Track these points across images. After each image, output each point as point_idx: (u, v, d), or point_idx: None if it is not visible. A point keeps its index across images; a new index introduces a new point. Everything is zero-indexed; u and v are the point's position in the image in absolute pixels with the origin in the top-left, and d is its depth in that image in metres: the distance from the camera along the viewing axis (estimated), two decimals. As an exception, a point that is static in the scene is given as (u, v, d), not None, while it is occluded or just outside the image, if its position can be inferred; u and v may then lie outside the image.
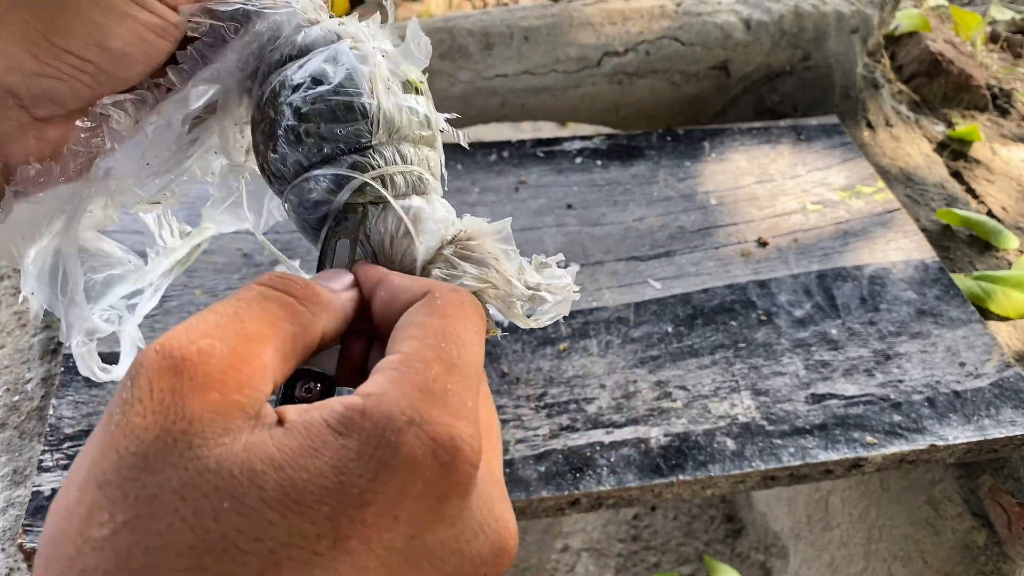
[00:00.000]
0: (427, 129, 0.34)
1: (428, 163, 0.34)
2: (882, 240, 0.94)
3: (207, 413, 0.21)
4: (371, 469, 0.21)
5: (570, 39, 1.10)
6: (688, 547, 1.27)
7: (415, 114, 0.33)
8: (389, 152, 0.32)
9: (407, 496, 0.21)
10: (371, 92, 0.31)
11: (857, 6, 1.19)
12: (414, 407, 0.22)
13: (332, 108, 0.31)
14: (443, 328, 0.25)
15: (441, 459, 0.21)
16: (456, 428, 0.22)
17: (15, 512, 0.67)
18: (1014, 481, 0.81)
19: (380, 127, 0.32)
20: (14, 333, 0.80)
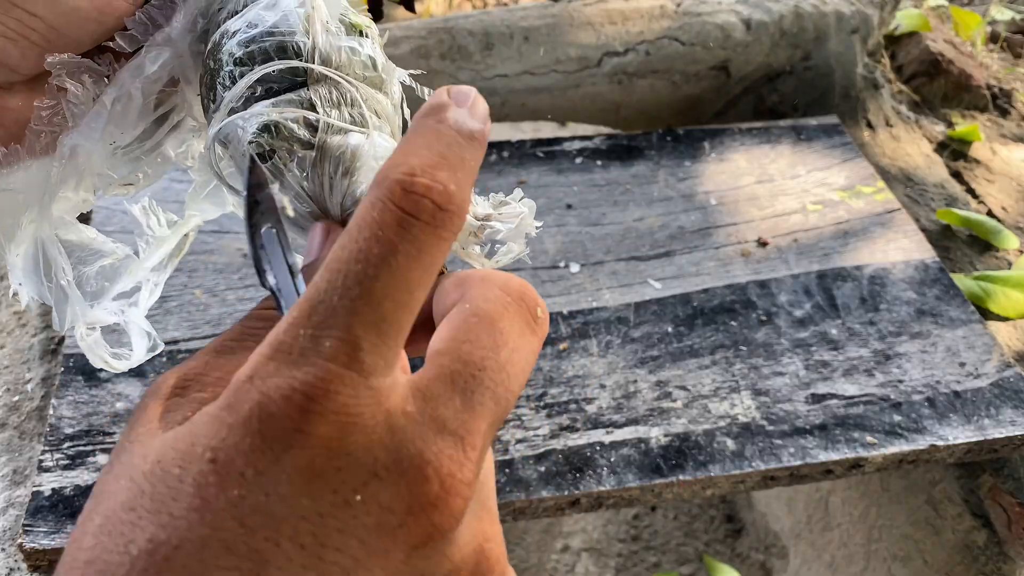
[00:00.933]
0: (371, 70, 0.32)
1: (373, 103, 0.31)
2: (882, 240, 0.94)
3: (160, 413, 0.23)
4: (211, 428, 0.20)
5: (570, 39, 1.10)
6: (688, 547, 1.27)
7: (356, 54, 0.31)
8: (325, 90, 0.30)
9: (248, 451, 0.20)
10: (306, 32, 0.30)
11: (857, 6, 1.19)
12: (253, 366, 0.21)
13: (265, 49, 0.30)
14: (486, 340, 0.23)
15: (269, 410, 0.20)
16: (289, 374, 0.20)
17: (15, 512, 0.67)
18: (1014, 481, 0.81)
19: (315, 64, 0.30)
20: (14, 333, 0.80)
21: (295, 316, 0.21)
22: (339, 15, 0.32)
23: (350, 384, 0.20)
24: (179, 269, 0.84)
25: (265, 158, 0.29)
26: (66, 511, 0.64)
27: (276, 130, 0.29)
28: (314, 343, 0.20)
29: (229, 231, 0.88)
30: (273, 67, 0.30)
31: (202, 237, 0.87)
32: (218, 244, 0.87)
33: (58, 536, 0.62)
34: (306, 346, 0.20)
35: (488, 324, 0.23)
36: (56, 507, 0.64)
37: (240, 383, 0.20)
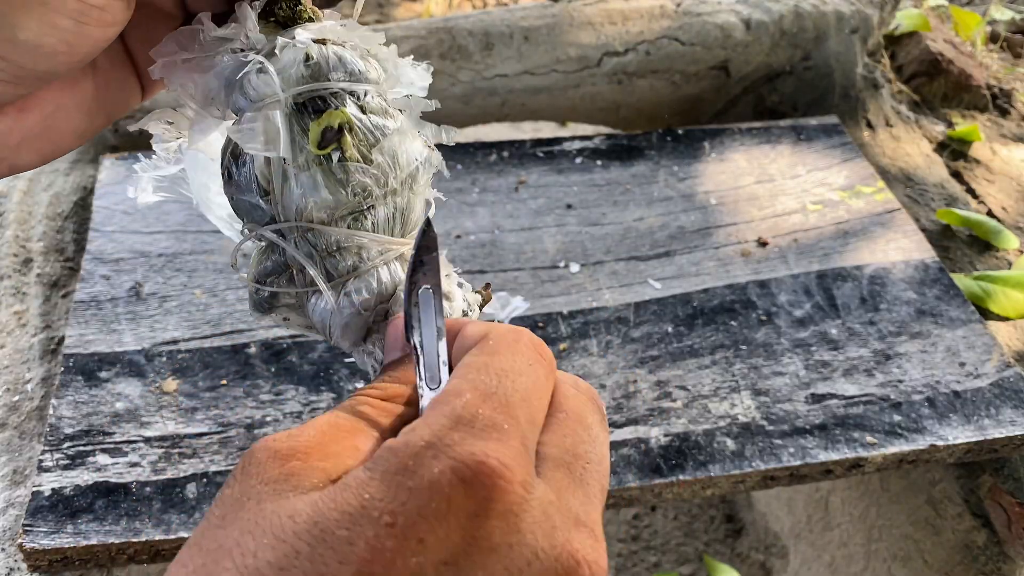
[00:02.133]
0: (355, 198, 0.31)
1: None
2: (882, 240, 0.94)
3: (282, 475, 0.23)
4: (389, 491, 0.21)
5: (570, 39, 1.10)
6: (688, 547, 1.27)
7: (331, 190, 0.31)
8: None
9: (431, 517, 0.20)
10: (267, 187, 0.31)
11: (857, 6, 1.19)
12: (436, 433, 0.22)
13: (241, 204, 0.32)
14: (486, 363, 0.25)
15: (463, 477, 0.21)
16: (481, 447, 0.22)
17: (15, 512, 0.67)
18: (1014, 481, 0.81)
19: (281, 216, 0.31)
20: (14, 333, 0.80)
21: (471, 398, 0.23)
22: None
23: (527, 467, 0.22)
24: (179, 269, 0.84)
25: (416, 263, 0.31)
26: (66, 511, 0.64)
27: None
28: (495, 425, 0.22)
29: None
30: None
31: (202, 237, 0.87)
32: (218, 244, 0.87)
33: (58, 536, 0.62)
34: (488, 425, 0.22)
35: (580, 421, 0.26)
36: (56, 507, 0.64)
37: (419, 448, 0.21)
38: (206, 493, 0.66)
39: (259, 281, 0.33)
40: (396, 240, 0.32)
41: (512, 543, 0.21)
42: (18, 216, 0.91)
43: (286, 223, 0.31)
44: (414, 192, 0.33)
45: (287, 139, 0.30)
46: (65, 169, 0.97)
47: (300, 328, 0.34)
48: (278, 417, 0.72)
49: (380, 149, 0.31)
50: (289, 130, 0.30)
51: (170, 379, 0.74)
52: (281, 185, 0.31)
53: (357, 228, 0.31)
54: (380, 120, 0.31)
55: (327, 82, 0.30)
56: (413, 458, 0.21)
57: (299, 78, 0.30)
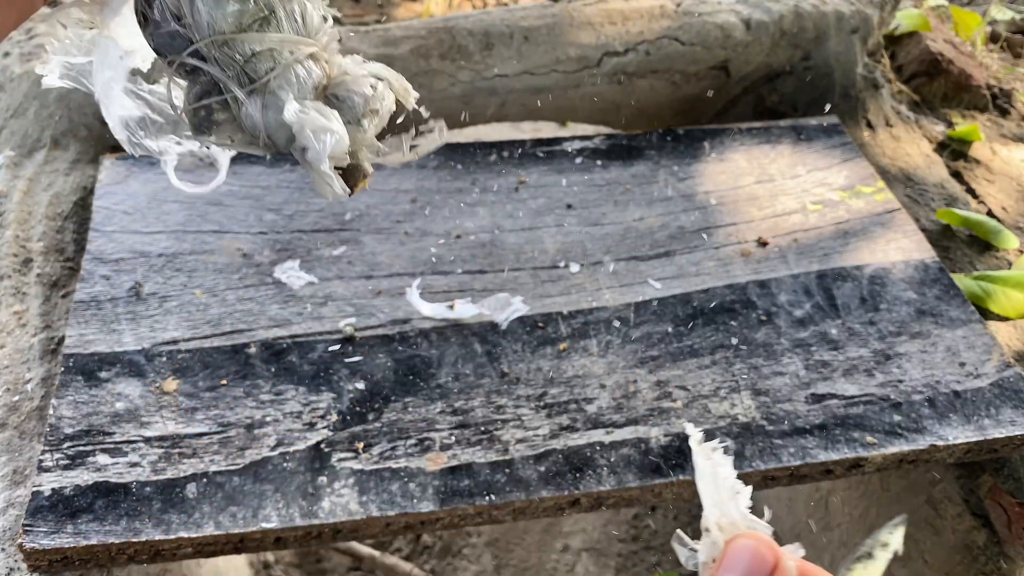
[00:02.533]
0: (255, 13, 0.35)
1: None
2: (882, 240, 0.94)
3: None
4: None
5: (570, 39, 1.10)
6: (688, 547, 1.27)
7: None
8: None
9: None
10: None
11: (857, 6, 1.19)
12: None
13: None
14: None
15: None
16: None
17: (15, 512, 0.67)
18: (1014, 481, 0.81)
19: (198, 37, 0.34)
20: (14, 333, 0.80)
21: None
22: None
23: None
24: (179, 269, 0.84)
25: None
26: (66, 511, 0.64)
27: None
28: None
29: (229, 231, 0.88)
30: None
31: (202, 237, 0.87)
32: (218, 244, 0.87)
33: (58, 536, 0.62)
34: None
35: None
36: (56, 507, 0.64)
37: None
38: (206, 493, 0.66)
39: (194, 103, 0.36)
40: (304, 39, 0.36)
41: None
42: (18, 216, 0.91)
43: (201, 41, 0.34)
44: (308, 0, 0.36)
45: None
46: (65, 169, 0.97)
47: (244, 145, 0.38)
48: (278, 417, 0.72)
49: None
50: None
51: (170, 379, 0.74)
52: (190, 8, 0.34)
53: (266, 32, 0.35)
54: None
55: None
56: None
57: None
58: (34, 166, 0.97)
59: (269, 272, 0.84)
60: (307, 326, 0.80)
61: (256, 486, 0.67)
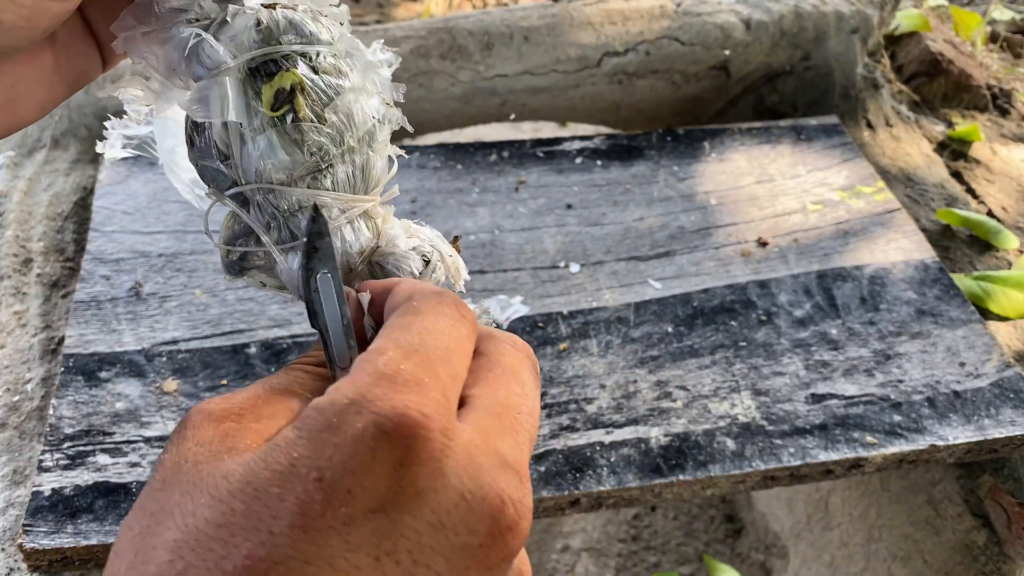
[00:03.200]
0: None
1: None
2: (882, 240, 0.94)
3: (216, 437, 0.24)
4: (316, 448, 0.22)
5: (570, 39, 1.10)
6: (688, 547, 1.27)
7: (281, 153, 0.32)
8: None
9: (356, 470, 0.21)
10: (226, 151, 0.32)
11: (857, 6, 1.19)
12: (359, 390, 0.23)
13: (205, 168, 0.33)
14: (409, 322, 0.26)
15: (386, 429, 0.22)
16: (401, 400, 0.23)
17: (15, 512, 0.67)
18: (1014, 481, 0.81)
19: (242, 179, 0.32)
20: (14, 333, 0.80)
21: (393, 355, 0.24)
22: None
23: (447, 416, 0.23)
24: (179, 269, 0.84)
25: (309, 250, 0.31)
26: (66, 511, 0.64)
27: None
28: (416, 379, 0.23)
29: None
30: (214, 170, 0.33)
31: (202, 237, 0.87)
32: (218, 244, 0.87)
33: (58, 536, 0.62)
34: (409, 380, 0.23)
35: (514, 375, 0.27)
36: (56, 507, 0.64)
37: (343, 405, 0.22)
38: (206, 493, 0.66)
39: (229, 244, 0.33)
40: (358, 197, 0.33)
41: (437, 487, 0.22)
42: (18, 216, 0.91)
43: (247, 186, 0.32)
44: (373, 149, 0.33)
45: (241, 104, 0.31)
46: (65, 169, 0.97)
47: (274, 289, 0.35)
48: (278, 417, 0.72)
49: (334, 108, 0.32)
50: (243, 95, 0.31)
51: (170, 379, 0.74)
52: (239, 149, 0.31)
53: (317, 187, 0.32)
54: (333, 79, 0.32)
55: (278, 46, 0.31)
56: (337, 415, 0.22)
57: (251, 43, 0.31)
58: (34, 166, 0.97)
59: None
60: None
61: (256, 486, 0.67)
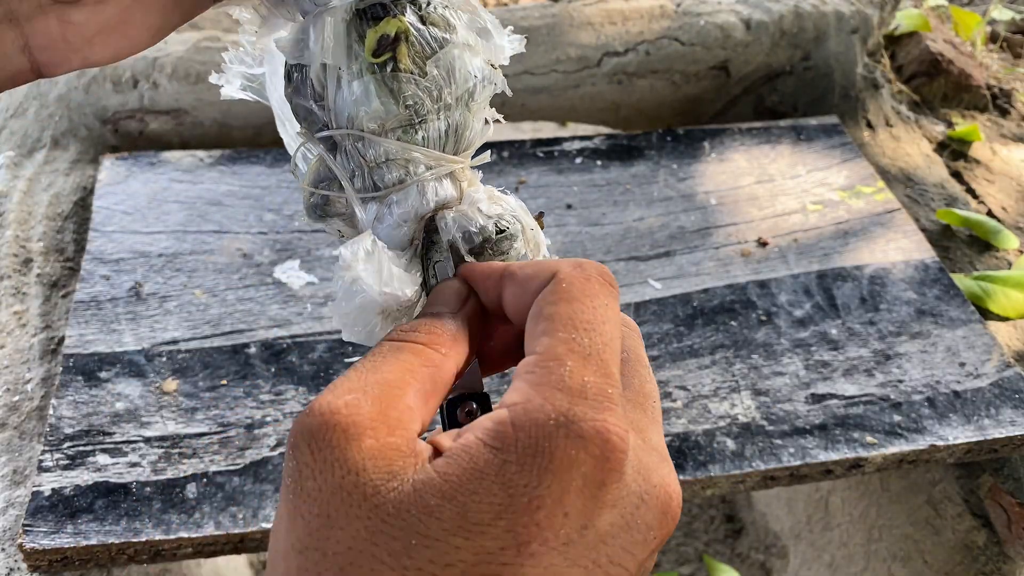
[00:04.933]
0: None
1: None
2: (882, 240, 0.94)
3: (368, 461, 0.23)
4: (534, 477, 0.22)
5: (570, 39, 1.10)
6: (688, 547, 1.27)
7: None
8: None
9: (570, 492, 0.22)
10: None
11: (857, 6, 1.19)
12: (558, 409, 0.23)
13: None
14: (570, 315, 0.26)
15: (593, 453, 0.23)
16: (601, 422, 0.23)
17: (15, 512, 0.67)
18: (1014, 481, 0.81)
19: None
20: (14, 333, 0.80)
21: (573, 366, 0.24)
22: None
23: (628, 427, 0.24)
24: (179, 269, 0.84)
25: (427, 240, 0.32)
26: (66, 511, 0.64)
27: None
28: (604, 394, 0.24)
29: (229, 231, 0.88)
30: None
31: (202, 237, 0.87)
32: (218, 244, 0.87)
33: (58, 536, 0.62)
34: (599, 395, 0.24)
35: (640, 360, 0.28)
36: (56, 507, 0.64)
37: (550, 428, 0.23)
38: (206, 493, 0.66)
39: (314, 186, 0.33)
40: (448, 156, 0.32)
41: (624, 494, 0.24)
42: (18, 216, 0.91)
43: (337, 130, 0.31)
44: (470, 110, 0.32)
45: (343, 45, 0.30)
46: (65, 169, 0.97)
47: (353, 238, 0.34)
48: (278, 417, 0.72)
49: (436, 61, 0.30)
50: (347, 36, 0.30)
51: (170, 379, 0.74)
52: (334, 91, 0.30)
53: (408, 141, 0.31)
54: (439, 32, 0.31)
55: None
56: (548, 440, 0.23)
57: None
58: (34, 166, 0.97)
59: (269, 272, 0.84)
60: (307, 326, 0.80)
61: (256, 486, 0.67)
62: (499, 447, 0.23)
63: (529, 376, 0.24)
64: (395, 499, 0.22)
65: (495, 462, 0.22)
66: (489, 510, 0.22)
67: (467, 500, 0.22)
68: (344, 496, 0.22)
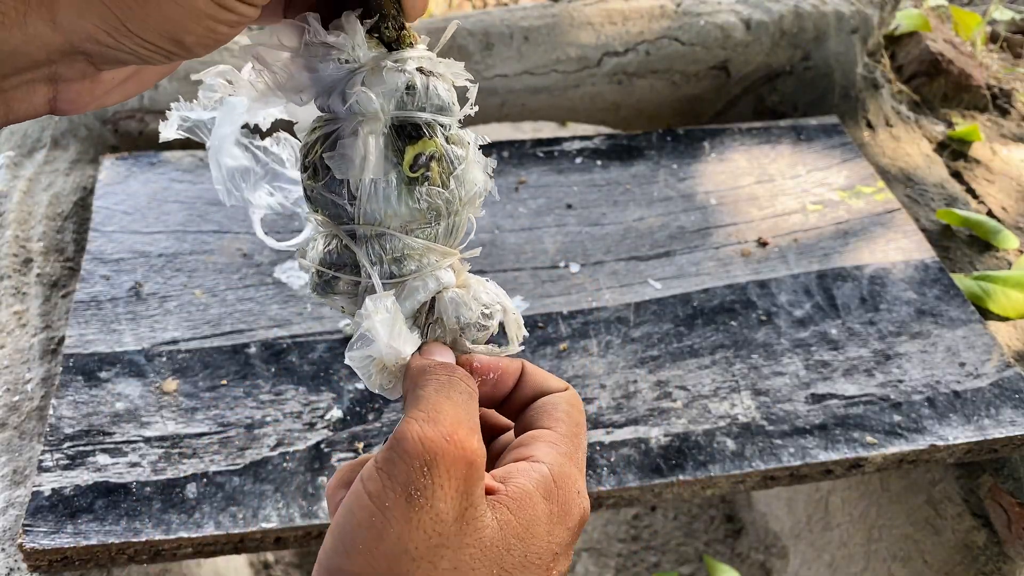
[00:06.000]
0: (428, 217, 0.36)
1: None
2: (882, 240, 0.94)
3: (481, 499, 0.31)
4: (567, 533, 0.33)
5: (570, 39, 1.10)
6: (688, 547, 1.27)
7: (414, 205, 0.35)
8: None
9: (577, 532, 0.33)
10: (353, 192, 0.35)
11: (857, 6, 1.19)
12: (578, 483, 0.34)
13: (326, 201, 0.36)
14: (579, 422, 0.36)
15: (582, 516, 0.34)
16: (586, 500, 0.34)
17: (15, 512, 0.67)
18: (1014, 481, 0.81)
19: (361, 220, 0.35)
20: (14, 333, 0.80)
21: (579, 456, 0.35)
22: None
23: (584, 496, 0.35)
24: (179, 269, 0.84)
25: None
26: (66, 511, 0.64)
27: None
28: (578, 481, 0.34)
29: (229, 231, 0.88)
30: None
31: (202, 237, 0.87)
32: (218, 244, 0.87)
33: (58, 536, 0.62)
34: (580, 483, 0.34)
35: (582, 431, 0.36)
36: (56, 507, 0.64)
37: (573, 501, 0.33)
38: (206, 493, 0.66)
39: (324, 267, 0.37)
40: (450, 250, 0.37)
41: (577, 520, 0.34)
42: (18, 216, 0.91)
43: (364, 226, 0.35)
44: (466, 211, 0.37)
45: (382, 158, 0.34)
46: (65, 169, 0.97)
47: (347, 314, 0.39)
48: (278, 417, 0.72)
49: (456, 177, 0.35)
50: (385, 149, 0.34)
51: (170, 379, 0.74)
52: (368, 195, 0.34)
53: (424, 238, 0.36)
54: (459, 151, 0.35)
55: (422, 112, 0.34)
56: (575, 506, 0.33)
57: (399, 102, 0.34)
58: (34, 166, 0.97)
59: (269, 272, 0.85)
60: (307, 326, 0.80)
61: (256, 486, 0.67)
62: (547, 498, 0.32)
63: (557, 447, 0.34)
64: (490, 536, 0.30)
65: (545, 510, 0.32)
66: (540, 554, 0.31)
67: (529, 541, 0.31)
68: (463, 526, 0.29)
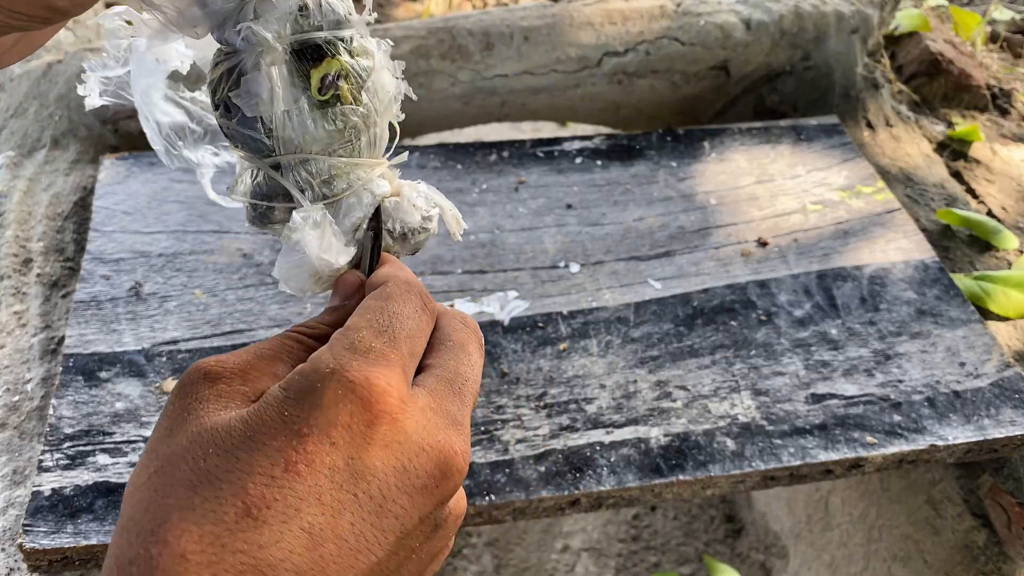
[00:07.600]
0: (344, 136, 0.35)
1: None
2: (882, 240, 0.94)
3: (213, 396, 0.29)
4: (304, 410, 0.28)
5: (570, 39, 1.10)
6: (688, 547, 1.27)
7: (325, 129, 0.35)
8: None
9: (336, 426, 0.28)
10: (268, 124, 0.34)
11: (857, 6, 1.19)
12: (337, 361, 0.29)
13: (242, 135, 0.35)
14: (381, 306, 0.32)
15: (360, 395, 0.28)
16: (371, 372, 0.29)
17: (15, 512, 0.67)
18: (1014, 481, 0.81)
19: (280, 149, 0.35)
20: (14, 333, 0.80)
21: (367, 334, 0.30)
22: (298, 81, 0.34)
23: (405, 387, 0.30)
24: (179, 269, 0.84)
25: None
26: (66, 511, 0.64)
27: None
28: (383, 356, 0.30)
29: (229, 231, 0.88)
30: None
31: (202, 237, 0.87)
32: (218, 244, 0.87)
33: (58, 536, 0.62)
34: (379, 356, 0.30)
35: (462, 348, 0.34)
36: (56, 507, 0.64)
37: (324, 373, 0.28)
38: (206, 493, 0.66)
39: (256, 199, 0.37)
40: (377, 160, 0.37)
41: (401, 440, 0.29)
42: (18, 216, 0.91)
43: (286, 155, 0.34)
44: (385, 119, 0.37)
45: (288, 87, 0.33)
46: (65, 169, 0.97)
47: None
48: (278, 417, 0.72)
49: (367, 89, 0.35)
50: (289, 76, 0.33)
51: (170, 379, 0.74)
52: (283, 125, 0.34)
53: (347, 155, 0.36)
54: (365, 62, 0.35)
55: (319, 32, 0.33)
56: (321, 381, 0.28)
57: (294, 25, 0.33)
58: (34, 166, 0.97)
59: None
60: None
61: (256, 486, 0.67)
62: (285, 387, 0.28)
63: (330, 340, 0.30)
64: (214, 422, 0.28)
65: (280, 397, 0.28)
66: (268, 434, 0.27)
67: (256, 424, 0.28)
68: (184, 415, 0.29)
